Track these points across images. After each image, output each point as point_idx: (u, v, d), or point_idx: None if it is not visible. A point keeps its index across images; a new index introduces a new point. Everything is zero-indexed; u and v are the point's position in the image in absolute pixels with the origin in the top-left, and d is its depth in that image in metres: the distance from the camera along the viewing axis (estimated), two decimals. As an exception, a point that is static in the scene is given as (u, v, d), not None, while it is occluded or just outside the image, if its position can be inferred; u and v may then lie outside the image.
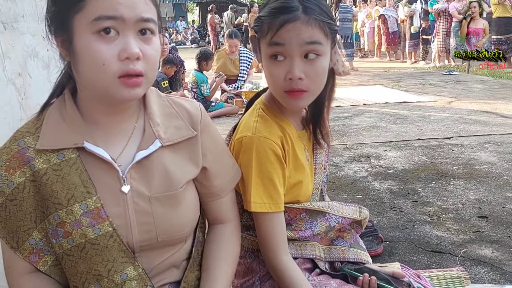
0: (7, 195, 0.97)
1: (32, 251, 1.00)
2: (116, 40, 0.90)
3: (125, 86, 0.91)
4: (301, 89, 1.16)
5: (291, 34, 1.13)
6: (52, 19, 0.95)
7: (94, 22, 0.88)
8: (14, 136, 1.01)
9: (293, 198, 1.29)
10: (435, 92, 7.35)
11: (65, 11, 0.90)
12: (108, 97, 0.95)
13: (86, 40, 0.89)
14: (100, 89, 0.93)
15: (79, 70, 0.94)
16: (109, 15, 0.88)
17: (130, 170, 1.01)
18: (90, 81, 0.93)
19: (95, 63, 0.89)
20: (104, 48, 0.89)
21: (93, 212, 0.97)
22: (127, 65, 0.90)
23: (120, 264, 0.99)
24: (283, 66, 1.16)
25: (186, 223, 1.08)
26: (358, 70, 11.00)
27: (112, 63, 0.89)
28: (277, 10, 1.15)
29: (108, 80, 0.90)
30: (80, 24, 0.89)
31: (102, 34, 0.89)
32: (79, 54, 0.91)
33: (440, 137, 4.57)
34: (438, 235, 2.51)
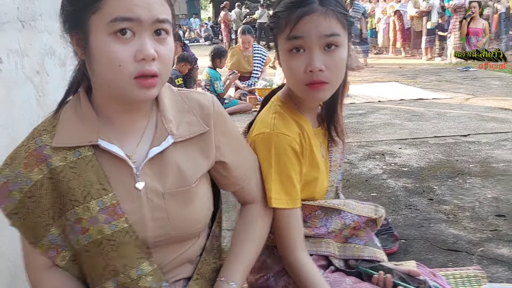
0: (26, 192, 0.98)
1: (50, 246, 1.02)
2: (132, 41, 0.90)
3: (141, 87, 0.92)
4: (322, 80, 1.16)
5: (309, 27, 1.13)
6: (68, 18, 0.95)
7: (111, 23, 0.88)
8: (32, 134, 1.02)
9: (308, 195, 1.29)
10: (451, 89, 7.27)
11: (82, 11, 0.91)
12: (123, 97, 0.96)
13: (103, 41, 0.90)
14: (116, 89, 0.94)
15: (94, 69, 0.94)
16: (126, 16, 0.88)
17: (144, 167, 1.02)
18: (106, 81, 0.94)
19: (111, 64, 0.90)
20: (120, 49, 0.89)
21: (109, 208, 0.98)
22: (142, 66, 0.91)
23: (135, 259, 1.01)
24: (302, 59, 1.16)
25: (200, 218, 1.09)
26: (373, 67, 10.93)
27: (128, 64, 0.90)
28: (293, 4, 1.15)
29: (124, 80, 0.91)
30: (97, 25, 0.90)
31: (119, 35, 0.89)
32: (95, 54, 0.92)
33: (457, 135, 4.52)
34: (454, 234, 2.48)
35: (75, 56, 1.02)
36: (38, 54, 1.91)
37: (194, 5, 32.69)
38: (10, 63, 1.63)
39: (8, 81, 1.60)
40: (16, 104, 1.65)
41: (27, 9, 1.83)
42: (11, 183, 0.98)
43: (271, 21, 1.23)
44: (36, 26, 1.91)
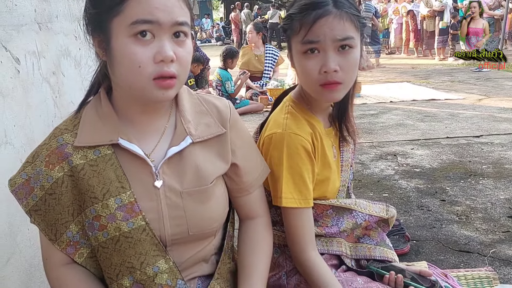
0: (47, 189, 1.01)
1: (69, 243, 1.04)
2: (152, 43, 0.92)
3: (159, 88, 0.94)
4: (337, 81, 1.17)
5: (324, 30, 1.14)
6: (91, 20, 0.98)
7: (131, 25, 0.91)
8: (53, 133, 1.05)
9: (320, 194, 1.30)
10: (464, 90, 7.21)
11: (104, 14, 0.93)
12: (143, 97, 0.98)
13: (123, 43, 0.92)
14: (136, 90, 0.96)
15: (115, 70, 0.97)
16: (146, 19, 0.91)
17: (162, 166, 1.04)
18: (126, 82, 0.96)
19: (131, 65, 0.92)
20: (140, 51, 0.92)
21: (127, 206, 1.00)
22: (161, 67, 0.93)
23: (152, 257, 1.02)
24: (317, 60, 1.17)
25: (216, 217, 1.11)
26: (386, 67, 10.87)
27: (147, 65, 0.92)
28: (308, 6, 1.16)
29: (143, 81, 0.93)
30: (118, 27, 0.92)
31: (139, 37, 0.91)
32: (116, 56, 0.94)
33: (469, 135, 4.49)
34: (466, 235, 2.47)
35: (96, 57, 1.04)
36: (54, 55, 1.94)
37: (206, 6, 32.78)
38: (27, 64, 1.66)
39: (25, 82, 1.63)
40: (33, 105, 1.68)
41: (44, 11, 1.87)
42: (33, 180, 1.01)
43: (285, 23, 1.24)
44: (53, 28, 1.94)
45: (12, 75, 1.54)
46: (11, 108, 1.52)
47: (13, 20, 1.58)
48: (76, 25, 1.03)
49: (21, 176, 1.03)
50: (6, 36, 1.51)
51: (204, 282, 1.13)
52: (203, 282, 1.13)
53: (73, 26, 2.17)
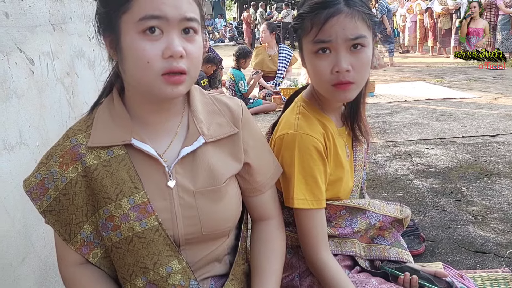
0: (61, 190, 1.02)
1: (83, 243, 1.05)
2: (160, 39, 0.92)
3: (168, 84, 0.94)
4: (349, 81, 1.16)
5: (336, 29, 1.13)
6: (101, 20, 0.99)
7: (139, 21, 0.91)
8: (67, 134, 1.06)
9: (333, 194, 1.29)
10: (480, 88, 7.12)
11: (113, 12, 0.94)
12: (152, 94, 0.98)
13: (132, 39, 0.92)
14: (145, 87, 0.96)
15: (125, 68, 0.97)
16: (154, 14, 0.91)
17: (175, 166, 1.04)
18: (136, 78, 0.96)
19: (140, 61, 0.92)
20: (149, 47, 0.92)
21: (140, 206, 1.01)
22: (170, 63, 0.92)
23: (165, 257, 1.02)
24: (329, 59, 1.16)
25: (229, 217, 1.11)
26: (400, 66, 10.78)
27: (156, 61, 0.92)
28: (319, 5, 1.15)
29: (152, 77, 0.93)
30: (127, 24, 0.93)
31: (147, 33, 0.92)
32: (126, 53, 0.94)
33: (485, 135, 4.43)
34: (482, 235, 2.44)
35: (109, 59, 1.05)
36: (68, 56, 1.96)
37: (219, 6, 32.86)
38: (42, 65, 1.68)
39: (40, 83, 1.65)
40: (47, 105, 1.70)
41: (58, 12, 1.88)
42: (47, 181, 1.02)
43: (296, 22, 1.23)
44: (66, 29, 1.96)
45: (26, 76, 1.55)
46: (26, 109, 1.53)
47: (28, 21, 1.60)
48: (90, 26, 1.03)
49: (36, 176, 1.04)
50: (21, 37, 1.53)
51: (217, 282, 1.13)
52: (216, 282, 1.13)
53: (86, 27, 2.19)
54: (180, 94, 0.98)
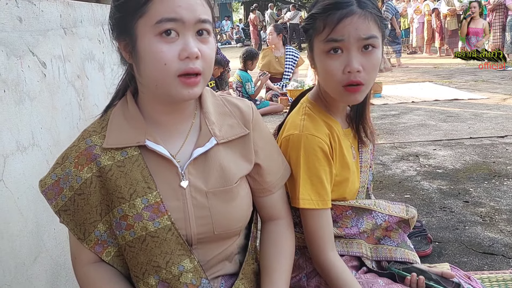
0: (76, 190, 1.04)
1: (97, 242, 1.07)
2: (177, 41, 0.95)
3: (185, 86, 0.97)
4: (360, 81, 1.17)
5: (349, 29, 1.14)
6: (116, 25, 1.01)
7: (156, 25, 0.94)
8: (82, 135, 1.09)
9: (339, 195, 1.30)
10: (488, 89, 7.08)
11: (129, 16, 0.96)
12: (168, 96, 1.00)
13: (149, 42, 0.95)
14: (162, 88, 0.99)
15: (141, 71, 0.99)
16: (171, 17, 0.93)
17: (188, 166, 1.07)
18: (152, 81, 0.99)
19: (157, 63, 0.95)
20: (166, 49, 0.94)
21: (153, 206, 1.03)
22: (187, 64, 0.95)
23: (177, 256, 1.04)
24: (340, 60, 1.17)
25: (240, 217, 1.13)
26: (408, 67, 10.74)
27: (173, 62, 0.95)
28: (332, 5, 1.16)
29: (169, 79, 0.96)
30: (144, 28, 0.95)
31: (164, 36, 0.94)
32: (142, 55, 0.97)
33: (494, 136, 4.41)
34: (490, 237, 2.44)
35: (121, 62, 1.07)
36: (79, 59, 1.99)
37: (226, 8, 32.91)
38: (53, 68, 1.71)
39: (51, 85, 1.68)
40: (58, 108, 1.73)
41: (69, 16, 1.91)
42: (62, 181, 1.05)
43: (307, 23, 1.24)
44: (77, 32, 1.99)
45: (39, 78, 1.58)
46: (38, 111, 1.56)
47: (40, 25, 1.63)
48: (100, 30, 1.05)
49: (51, 177, 1.06)
50: (33, 41, 1.56)
51: (228, 281, 1.15)
52: (226, 281, 1.15)
53: (97, 31, 2.22)
54: (196, 95, 1.00)
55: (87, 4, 2.18)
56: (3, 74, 1.36)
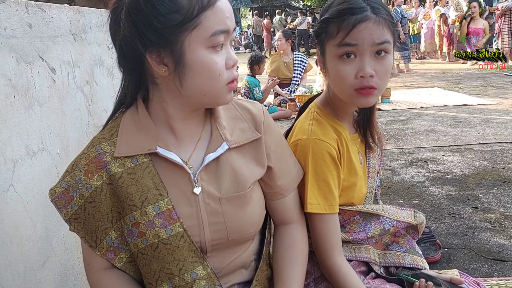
0: (86, 198, 1.03)
1: (109, 248, 1.07)
2: (222, 51, 0.99)
3: (230, 91, 1.03)
4: (372, 86, 1.17)
5: (364, 34, 1.14)
6: (152, 37, 0.94)
7: (211, 37, 0.95)
8: (92, 142, 1.08)
9: (347, 200, 1.30)
10: (498, 94, 7.03)
11: (175, 28, 0.93)
12: (214, 103, 1.06)
13: (203, 54, 0.95)
14: (211, 97, 1.01)
15: (188, 82, 0.97)
16: (223, 29, 0.96)
17: (200, 172, 1.06)
18: (202, 91, 0.99)
19: (213, 74, 0.97)
20: (219, 60, 0.97)
21: (165, 213, 1.02)
22: (232, 71, 1.01)
23: (190, 263, 1.04)
24: (353, 64, 1.17)
25: (254, 221, 1.12)
26: (416, 72, 10.70)
27: (224, 72, 0.99)
28: (347, 11, 1.16)
29: (221, 87, 1.00)
30: (196, 40, 0.94)
31: (216, 48, 0.97)
32: (193, 67, 0.96)
33: (503, 141, 4.38)
34: (500, 243, 2.41)
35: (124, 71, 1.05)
36: (88, 65, 2.00)
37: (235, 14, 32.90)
38: (63, 73, 1.72)
39: (61, 91, 1.69)
40: (67, 113, 1.74)
41: (78, 22, 1.93)
42: (72, 189, 1.04)
43: (320, 27, 1.24)
44: (86, 38, 2.01)
45: (48, 84, 1.60)
46: (48, 116, 1.58)
47: (49, 31, 1.65)
48: (109, 35, 1.04)
49: (61, 185, 1.05)
50: (43, 47, 1.58)
51: None
52: None
53: (106, 37, 2.23)
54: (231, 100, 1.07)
55: (96, 10, 2.20)
56: (13, 80, 1.37)
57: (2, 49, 1.33)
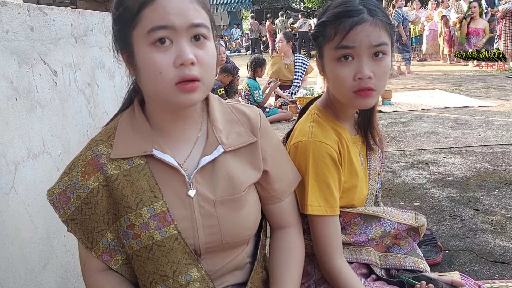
0: (83, 199, 1.04)
1: (105, 250, 1.07)
2: (171, 49, 0.93)
3: (183, 92, 0.94)
4: (371, 87, 1.18)
5: (361, 36, 1.15)
6: (117, 38, 1.02)
7: (148, 34, 0.93)
8: (89, 144, 1.09)
9: (347, 202, 1.30)
10: (499, 96, 7.02)
11: (125, 28, 0.97)
12: (169, 104, 0.99)
13: (144, 52, 0.94)
14: (161, 97, 0.98)
15: (141, 81, 1.00)
16: (161, 25, 0.92)
17: (195, 175, 1.06)
18: (151, 89, 0.99)
19: (153, 73, 0.94)
20: (160, 58, 0.93)
21: (160, 215, 1.02)
22: (183, 71, 0.93)
23: (184, 265, 1.04)
24: (351, 66, 1.18)
25: (249, 225, 1.12)
26: (418, 74, 10.70)
27: (168, 71, 0.93)
28: (343, 13, 1.17)
29: (166, 87, 0.94)
30: (138, 38, 0.95)
31: (157, 44, 0.93)
32: (140, 66, 0.97)
33: (504, 143, 4.37)
34: (501, 245, 2.41)
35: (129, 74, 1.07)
36: (89, 67, 2.01)
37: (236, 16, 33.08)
38: (64, 76, 1.73)
39: (62, 93, 1.70)
40: (69, 115, 1.75)
41: (80, 25, 1.94)
42: (69, 190, 1.05)
43: (317, 30, 1.25)
44: (88, 41, 2.01)
45: (50, 87, 1.60)
46: (49, 118, 1.58)
47: (51, 34, 1.65)
48: (110, 38, 1.05)
49: (59, 186, 1.06)
50: (45, 49, 1.58)
51: None
52: None
53: (107, 39, 2.24)
54: (195, 101, 0.98)
55: (97, 13, 2.21)
56: (15, 82, 1.38)
57: (4, 52, 1.33)
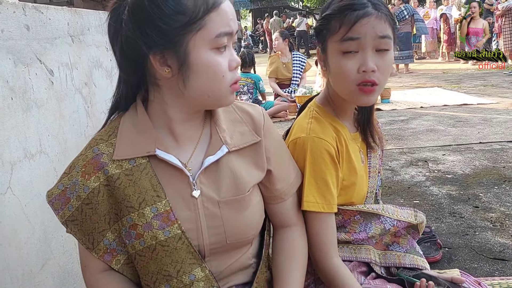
0: (83, 199, 1.02)
1: (106, 250, 1.06)
2: (225, 52, 0.99)
3: (233, 93, 1.03)
4: (374, 81, 1.17)
5: (366, 28, 1.15)
6: (156, 38, 0.93)
7: (216, 38, 0.95)
8: (89, 144, 1.07)
9: (346, 200, 1.29)
10: (497, 94, 7.03)
11: (181, 30, 0.93)
12: (216, 105, 1.06)
13: (207, 55, 0.95)
14: (214, 98, 1.01)
15: (191, 83, 0.97)
16: (227, 31, 0.97)
17: (199, 175, 1.05)
18: (205, 92, 0.99)
19: (216, 75, 0.97)
20: (222, 61, 0.97)
21: (163, 215, 1.01)
22: (235, 73, 1.01)
23: (188, 265, 1.03)
24: (355, 59, 1.18)
25: (253, 225, 1.11)
26: (417, 72, 10.69)
27: (228, 73, 0.99)
28: (348, 6, 1.17)
29: (224, 88, 1.00)
30: (201, 41, 0.94)
31: (221, 49, 0.97)
32: (197, 68, 0.96)
33: (503, 140, 4.37)
34: (501, 242, 2.41)
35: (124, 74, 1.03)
36: (86, 67, 2.00)
37: (233, 15, 33.03)
38: (61, 75, 1.72)
39: (59, 93, 1.69)
40: (66, 115, 1.74)
41: (76, 24, 1.93)
42: (69, 191, 1.03)
43: (321, 24, 1.24)
44: (85, 40, 2.00)
45: (46, 86, 1.59)
46: (46, 118, 1.57)
47: (47, 33, 1.64)
48: (107, 37, 1.03)
49: (58, 187, 1.04)
50: (41, 49, 1.57)
51: None
52: None
53: (104, 38, 2.23)
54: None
55: (94, 12, 2.19)
56: (10, 82, 1.37)
57: (-1, 51, 1.32)
